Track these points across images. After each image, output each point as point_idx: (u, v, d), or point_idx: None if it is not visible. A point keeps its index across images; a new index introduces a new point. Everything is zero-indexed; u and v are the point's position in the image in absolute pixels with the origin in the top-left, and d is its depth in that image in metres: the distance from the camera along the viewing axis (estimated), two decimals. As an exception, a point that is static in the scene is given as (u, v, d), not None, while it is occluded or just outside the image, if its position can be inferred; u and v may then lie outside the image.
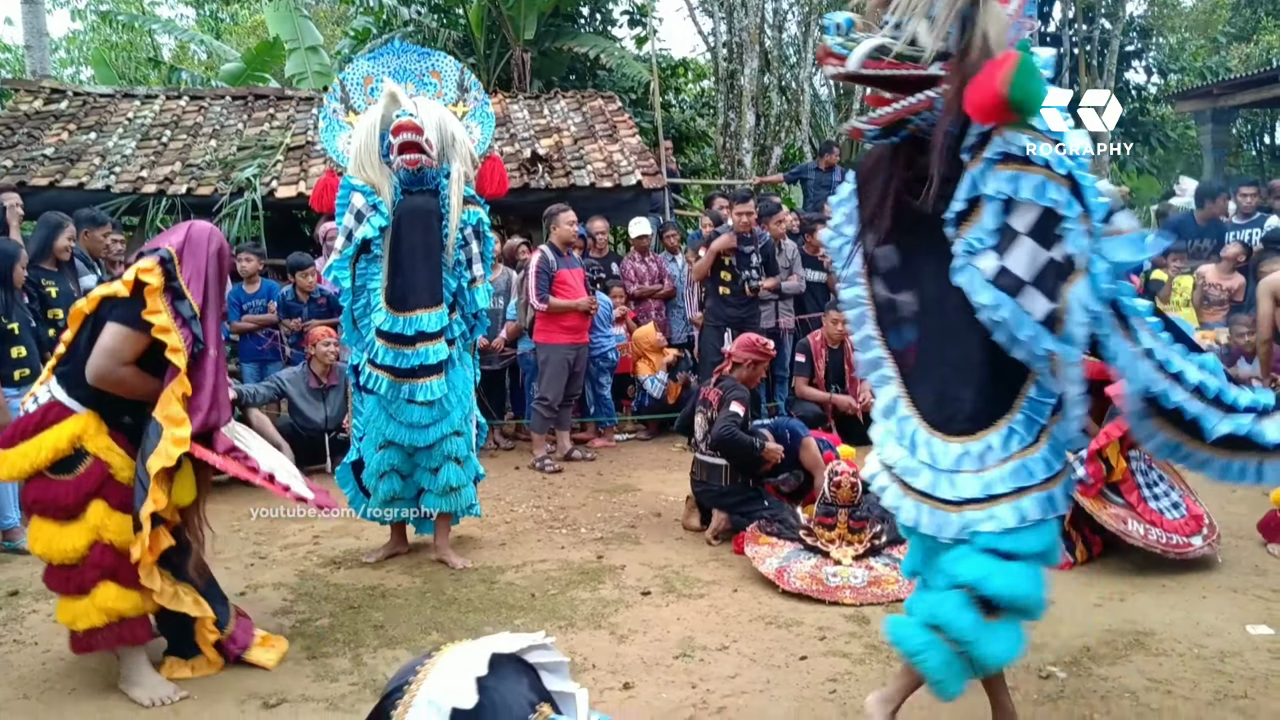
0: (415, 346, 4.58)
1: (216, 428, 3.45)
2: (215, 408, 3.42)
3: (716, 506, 5.28)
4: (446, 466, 4.77)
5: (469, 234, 4.75)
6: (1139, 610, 4.11)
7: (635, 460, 7.38)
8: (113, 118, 10.52)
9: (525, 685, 1.66)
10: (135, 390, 3.38)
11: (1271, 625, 3.93)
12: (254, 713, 3.29)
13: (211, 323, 3.45)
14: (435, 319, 4.63)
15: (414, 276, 4.61)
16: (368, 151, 4.57)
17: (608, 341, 7.90)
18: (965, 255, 2.46)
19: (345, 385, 6.95)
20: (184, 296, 3.37)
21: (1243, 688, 3.39)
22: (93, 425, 3.36)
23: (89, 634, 3.36)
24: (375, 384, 4.61)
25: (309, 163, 9.75)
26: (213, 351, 3.44)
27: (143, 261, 3.35)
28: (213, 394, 3.40)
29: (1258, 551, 4.90)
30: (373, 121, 4.58)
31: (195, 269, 3.42)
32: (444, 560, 4.83)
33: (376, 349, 4.59)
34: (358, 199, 4.53)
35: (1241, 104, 13.98)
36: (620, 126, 11.16)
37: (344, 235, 4.58)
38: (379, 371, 4.60)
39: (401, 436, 4.67)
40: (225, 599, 3.71)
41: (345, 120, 4.97)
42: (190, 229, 3.52)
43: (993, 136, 2.40)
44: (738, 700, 3.34)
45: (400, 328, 4.57)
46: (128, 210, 8.95)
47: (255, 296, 7.61)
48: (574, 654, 3.74)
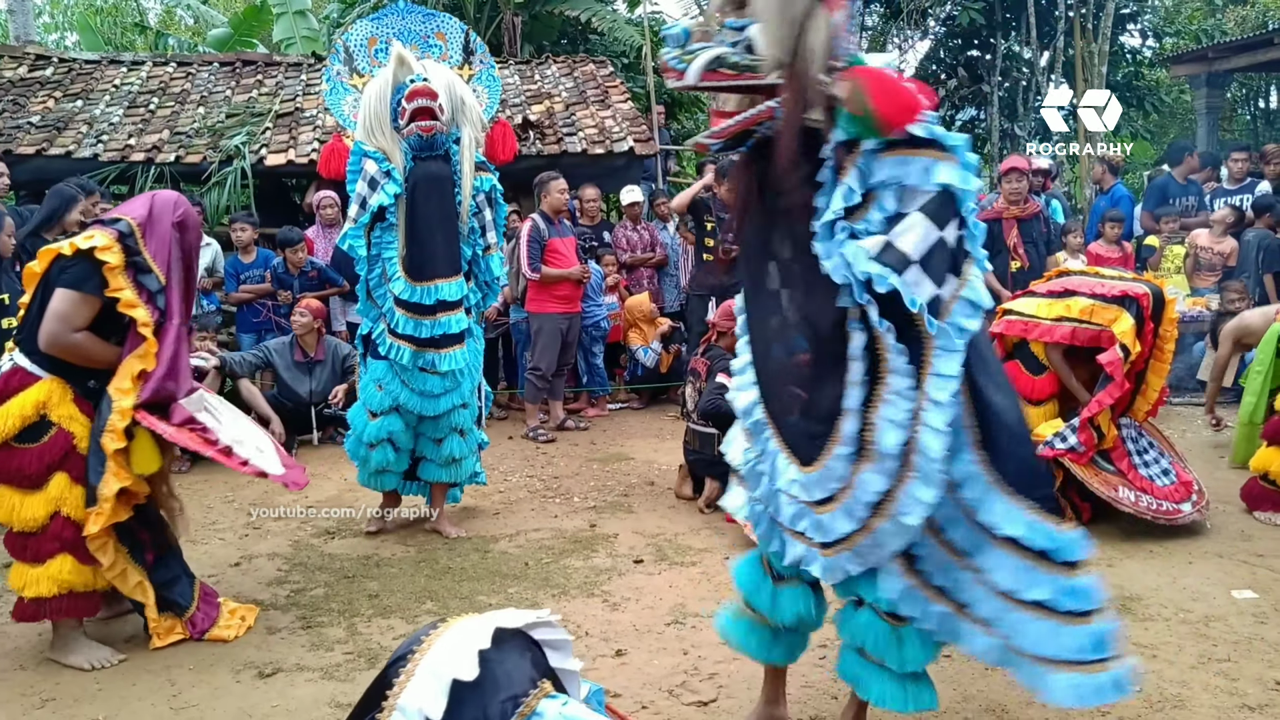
0: (436, 316, 4.55)
1: (173, 398, 3.38)
2: (171, 378, 3.36)
3: (709, 475, 5.30)
4: (450, 438, 4.77)
5: (481, 201, 4.70)
6: (1126, 576, 4.16)
7: (628, 429, 7.40)
8: (99, 84, 10.38)
9: (528, 661, 1.66)
10: (92, 358, 3.34)
11: (1255, 590, 3.99)
12: (249, 682, 3.32)
13: (175, 294, 3.41)
14: (455, 288, 4.60)
15: (432, 245, 4.55)
16: (378, 117, 4.48)
17: (600, 310, 7.89)
18: (843, 234, 2.27)
19: (332, 359, 6.95)
20: (149, 270, 3.33)
21: (1226, 651, 3.44)
22: (57, 392, 3.34)
23: (35, 603, 3.38)
24: (397, 354, 4.56)
25: (298, 130, 9.66)
26: (175, 322, 3.40)
27: (99, 238, 3.28)
28: (170, 364, 3.36)
29: (1243, 517, 4.95)
30: (382, 86, 4.49)
31: (159, 240, 3.37)
32: (439, 530, 4.84)
33: (397, 318, 4.54)
34: (370, 165, 4.45)
35: (1236, 68, 13.91)
36: (612, 92, 11.05)
37: (357, 203, 4.50)
38: (400, 341, 4.56)
39: (414, 404, 4.64)
40: (191, 576, 3.69)
41: (350, 83, 4.89)
42: (154, 199, 3.48)
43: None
44: (729, 666, 3.38)
45: (419, 297, 4.52)
46: (116, 179, 8.85)
47: (252, 266, 7.57)
48: (567, 622, 3.77)
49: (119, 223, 3.35)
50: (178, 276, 3.44)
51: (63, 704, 3.19)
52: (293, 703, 3.17)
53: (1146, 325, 4.76)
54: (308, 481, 3.82)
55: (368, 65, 4.87)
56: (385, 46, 4.80)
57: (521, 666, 1.63)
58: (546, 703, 1.58)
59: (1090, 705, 2.44)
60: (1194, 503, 4.73)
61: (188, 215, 3.52)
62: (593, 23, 14.02)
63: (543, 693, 1.59)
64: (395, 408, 4.66)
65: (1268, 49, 12.19)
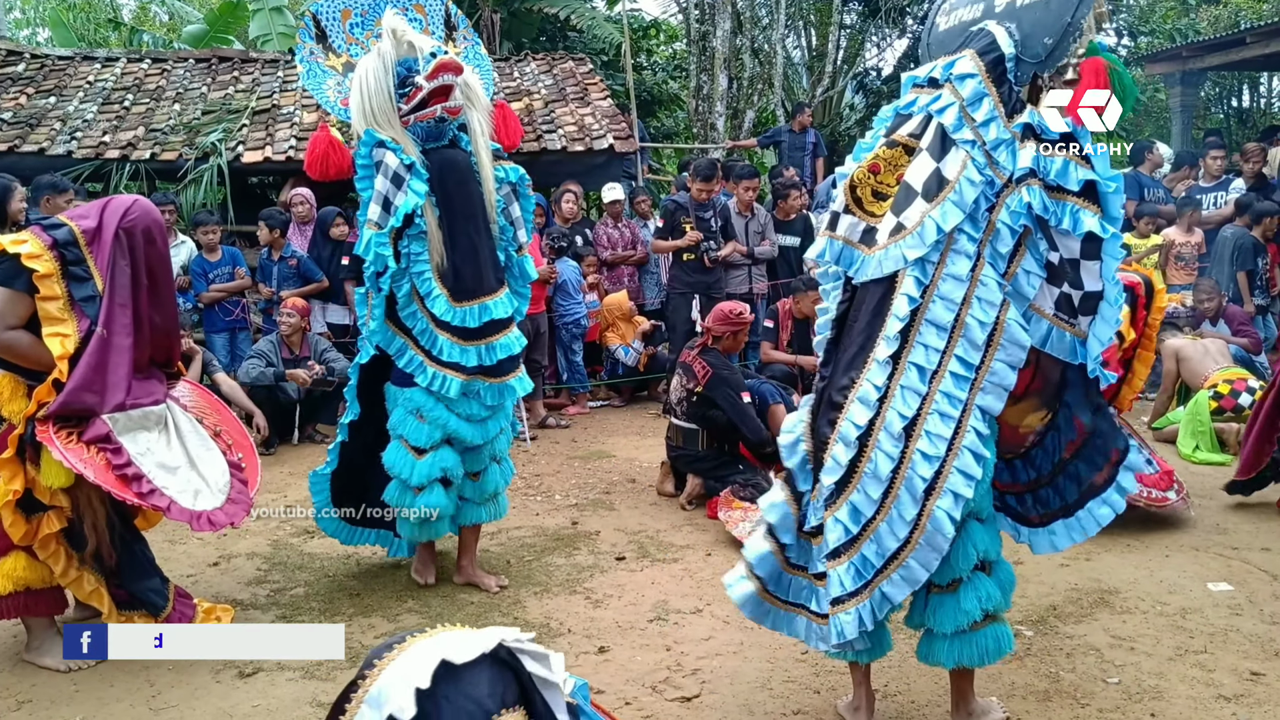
0: (488, 339, 3.86)
1: (92, 412, 3.19)
2: (90, 390, 3.17)
3: (691, 471, 5.30)
4: (490, 469, 4.12)
5: (508, 194, 4.04)
6: (1105, 569, 4.19)
7: (609, 427, 7.39)
8: (73, 81, 10.27)
9: (484, 691, 1.50)
10: (26, 356, 3.23)
11: (1231, 582, 4.03)
12: (229, 682, 3.29)
13: (112, 304, 3.25)
14: (504, 303, 3.93)
15: (477, 254, 3.86)
16: (380, 101, 3.74)
17: (579, 309, 7.88)
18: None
19: (317, 357, 6.91)
20: (89, 277, 3.23)
21: (1202, 643, 3.48)
22: (8, 388, 3.27)
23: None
24: (443, 386, 3.79)
25: (275, 127, 9.59)
26: (101, 331, 3.21)
27: (29, 244, 3.18)
28: (88, 375, 3.18)
29: (1219, 511, 5.00)
30: (382, 63, 3.76)
31: (103, 247, 3.27)
32: (476, 583, 4.13)
33: (440, 344, 3.79)
34: (390, 158, 3.68)
35: (1210, 66, 14.02)
36: (591, 89, 11.05)
37: (378, 204, 3.70)
38: (445, 370, 3.80)
39: (466, 432, 3.92)
40: (164, 580, 3.61)
41: (326, 64, 4.11)
42: (106, 206, 3.36)
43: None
44: (711, 662, 3.39)
45: (465, 319, 3.80)
46: (90, 176, 8.76)
47: (219, 264, 7.50)
48: (550, 619, 3.77)
49: (60, 228, 3.25)
50: (122, 284, 3.28)
51: (39, 706, 3.16)
52: (273, 702, 3.15)
53: (1139, 313, 4.80)
54: (225, 524, 3.41)
55: (343, 42, 4.13)
56: (361, 20, 4.18)
57: (475, 697, 1.48)
58: None
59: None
60: (1177, 491, 4.79)
61: (139, 221, 3.34)
62: (571, 20, 14.02)
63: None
64: (447, 439, 3.91)
65: (1240, 48, 12.31)
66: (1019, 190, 2.53)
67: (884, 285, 2.65)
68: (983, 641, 2.71)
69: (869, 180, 2.72)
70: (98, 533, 3.36)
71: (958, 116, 2.58)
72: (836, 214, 2.81)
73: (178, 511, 3.24)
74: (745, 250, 7.94)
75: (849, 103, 17.82)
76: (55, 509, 3.27)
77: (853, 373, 2.66)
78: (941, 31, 2.91)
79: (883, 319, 2.63)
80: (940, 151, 2.60)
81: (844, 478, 2.62)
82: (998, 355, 2.55)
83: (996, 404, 2.59)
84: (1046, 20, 2.56)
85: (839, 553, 2.63)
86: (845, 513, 2.61)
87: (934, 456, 2.53)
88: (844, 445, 2.62)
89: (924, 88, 2.74)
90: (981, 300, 2.55)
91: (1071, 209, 2.50)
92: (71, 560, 3.36)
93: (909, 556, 2.56)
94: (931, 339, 2.56)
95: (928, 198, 2.58)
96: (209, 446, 3.55)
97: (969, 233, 2.56)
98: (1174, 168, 9.81)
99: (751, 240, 8.07)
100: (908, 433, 2.55)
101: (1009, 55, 2.59)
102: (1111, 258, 2.54)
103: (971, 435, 2.55)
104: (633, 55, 12.35)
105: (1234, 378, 6.22)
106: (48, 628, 3.47)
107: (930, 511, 2.53)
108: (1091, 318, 2.59)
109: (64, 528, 3.31)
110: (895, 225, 2.62)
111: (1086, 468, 2.84)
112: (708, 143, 13.81)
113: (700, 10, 15.33)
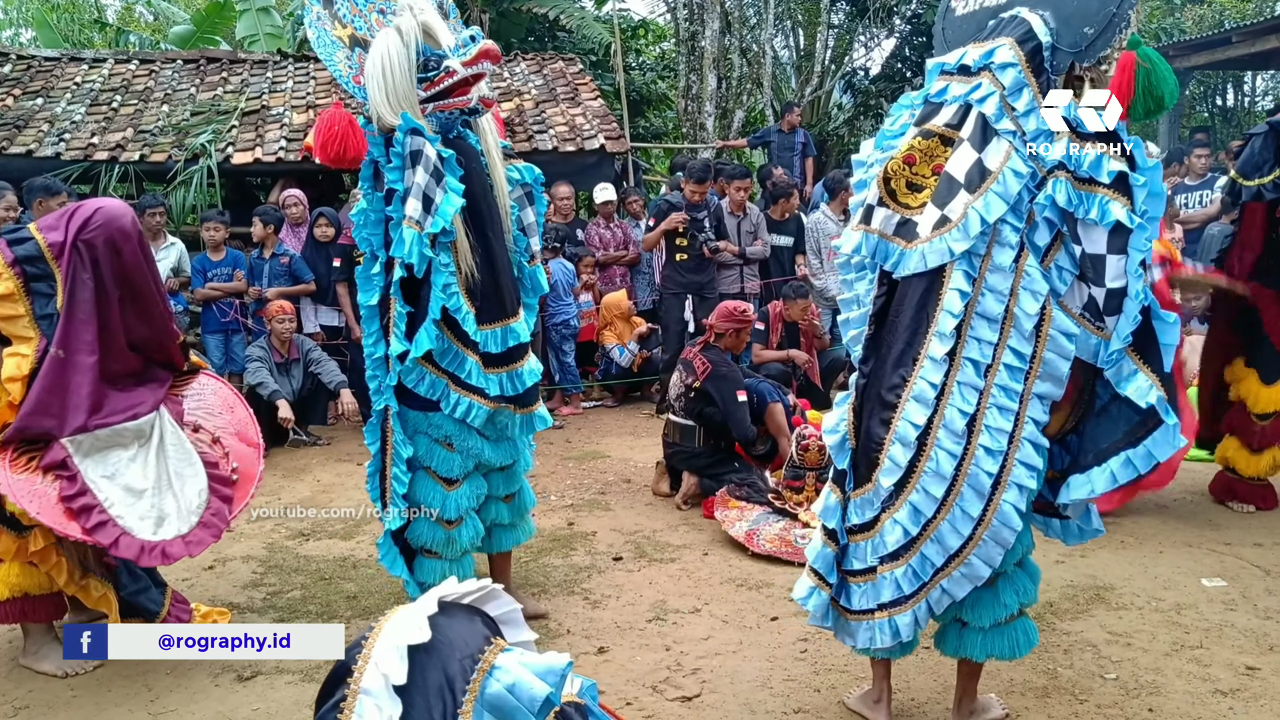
0: (512, 366, 3.56)
1: (50, 436, 3.11)
2: (46, 414, 3.09)
3: (687, 468, 5.31)
4: (524, 487, 3.87)
5: (520, 197, 3.71)
6: (1100, 566, 4.22)
7: (603, 428, 7.39)
8: (60, 82, 10.20)
9: (479, 623, 1.71)
10: None
11: (1225, 577, 4.06)
12: (228, 685, 3.28)
13: (71, 321, 3.15)
14: (526, 324, 3.65)
15: (500, 270, 3.52)
16: (404, 85, 3.31)
17: (569, 310, 7.87)
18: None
19: (302, 357, 6.89)
20: (54, 294, 3.16)
21: (1198, 638, 3.50)
22: None
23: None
24: (472, 415, 3.46)
25: (265, 128, 9.54)
26: (57, 351, 3.12)
27: None
28: (44, 396, 3.09)
29: (1212, 507, 5.04)
30: (405, 44, 3.32)
31: (67, 261, 3.17)
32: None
33: (469, 367, 3.43)
34: (430, 150, 3.24)
35: (1195, 65, 14.13)
36: (582, 89, 11.04)
37: (418, 199, 3.22)
38: (473, 396, 3.45)
39: (497, 456, 3.63)
40: (162, 584, 3.58)
41: (334, 33, 3.59)
42: (71, 216, 3.24)
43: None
44: (711, 661, 3.40)
45: (492, 343, 3.49)
46: (79, 178, 8.70)
47: (220, 264, 7.45)
48: (548, 620, 3.77)
49: (26, 242, 3.16)
50: (82, 299, 3.17)
51: (36, 712, 3.14)
52: (273, 705, 3.14)
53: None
54: (185, 556, 3.26)
55: (348, 12, 3.61)
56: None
57: (473, 629, 1.68)
58: (503, 656, 1.63)
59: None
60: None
61: (100, 232, 3.20)
62: (561, 20, 14.01)
63: (498, 648, 1.65)
64: (478, 466, 3.61)
65: (1225, 48, 12.42)
66: (1046, 184, 2.52)
67: (927, 279, 2.62)
68: (1014, 634, 2.76)
69: (904, 172, 2.68)
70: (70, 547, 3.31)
71: (998, 106, 2.55)
72: (871, 207, 2.75)
73: (125, 545, 3.09)
74: (738, 250, 7.95)
75: (837, 102, 17.87)
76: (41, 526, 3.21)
77: (902, 370, 2.64)
78: (959, 16, 2.87)
79: (928, 314, 2.61)
80: (982, 142, 2.58)
81: (902, 478, 2.61)
82: (1048, 346, 2.55)
83: (1056, 390, 2.58)
84: (1088, 9, 2.54)
85: (898, 555, 2.64)
86: (905, 514, 2.61)
87: (997, 451, 2.54)
88: (902, 445, 2.60)
89: (954, 75, 2.68)
90: (1027, 290, 2.54)
91: (1101, 200, 2.48)
92: (74, 569, 3.33)
93: (972, 553, 2.58)
94: (984, 332, 2.56)
95: (970, 189, 2.55)
96: (192, 462, 3.41)
97: (1012, 223, 2.55)
98: (1163, 166, 9.88)
99: (744, 240, 8.08)
100: (969, 429, 2.55)
101: (1046, 44, 2.57)
102: (1138, 251, 2.50)
103: (1030, 426, 2.56)
104: (622, 55, 12.35)
105: None
106: (45, 633, 3.45)
107: (996, 505, 2.55)
108: (1117, 317, 2.55)
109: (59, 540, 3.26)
110: (940, 218, 2.58)
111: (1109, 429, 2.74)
112: (697, 142, 13.82)
113: (689, 10, 15.35)
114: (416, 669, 1.60)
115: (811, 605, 2.87)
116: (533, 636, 1.84)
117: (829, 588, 2.83)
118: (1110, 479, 2.62)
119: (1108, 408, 2.68)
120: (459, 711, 1.58)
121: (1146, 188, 2.49)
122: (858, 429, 2.78)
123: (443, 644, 1.63)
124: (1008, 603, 2.73)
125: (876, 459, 2.67)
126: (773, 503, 4.77)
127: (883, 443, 2.65)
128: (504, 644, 1.70)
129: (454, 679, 1.61)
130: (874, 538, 2.70)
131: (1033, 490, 2.61)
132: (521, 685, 1.61)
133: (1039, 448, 2.59)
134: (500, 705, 1.60)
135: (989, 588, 2.72)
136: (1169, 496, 5.20)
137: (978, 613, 2.74)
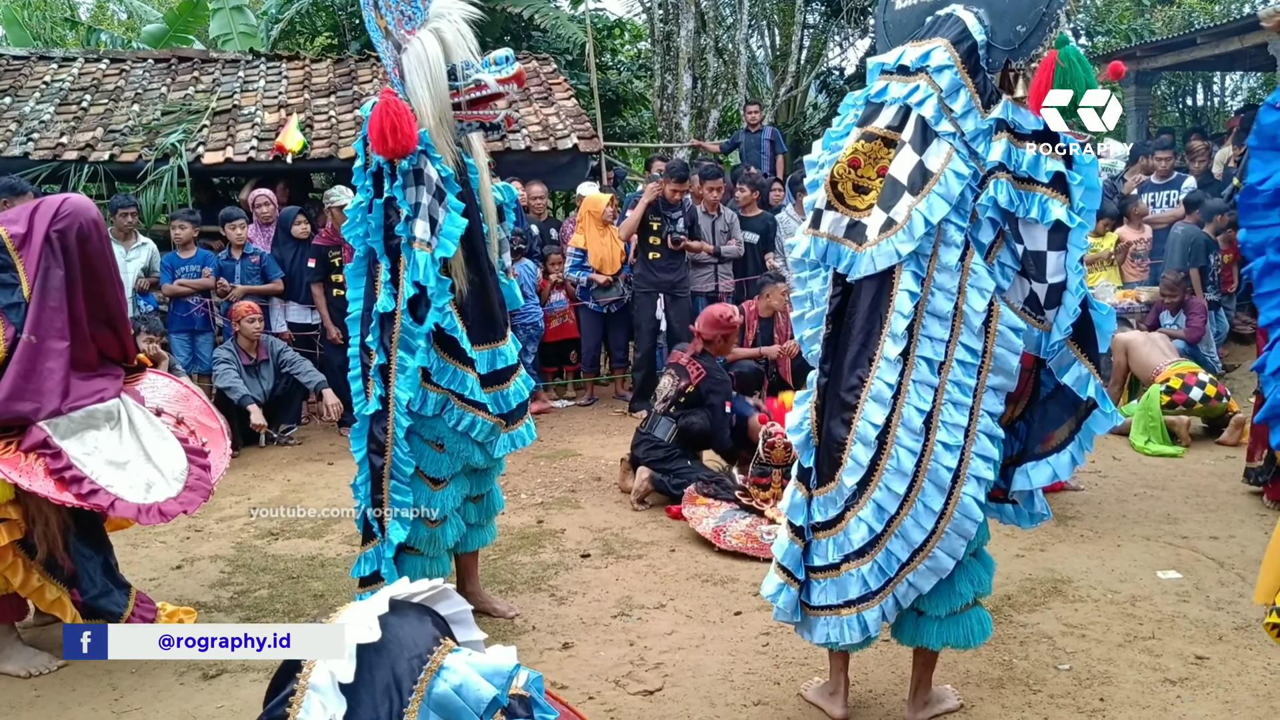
0: (502, 386, 3.63)
1: (26, 421, 3.17)
2: (21, 399, 3.15)
3: (646, 460, 5.31)
4: (495, 488, 3.96)
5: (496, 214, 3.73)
6: (1058, 559, 4.29)
7: (575, 426, 7.42)
8: (29, 80, 10.11)
9: (429, 623, 1.75)
10: None
11: (1179, 570, 4.14)
12: (193, 683, 3.29)
13: (42, 309, 3.20)
14: (514, 344, 3.72)
15: (494, 289, 3.58)
16: (443, 91, 3.35)
17: (535, 311, 7.85)
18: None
19: (272, 358, 6.89)
20: (16, 284, 3.21)
21: (1151, 629, 3.58)
22: None
23: None
24: (477, 429, 3.53)
25: (236, 127, 9.50)
26: (30, 338, 3.18)
27: None
28: (19, 382, 3.14)
29: (1170, 502, 5.13)
30: (440, 54, 3.36)
31: (32, 252, 3.23)
32: (490, 610, 3.82)
33: (468, 383, 3.48)
34: (431, 169, 3.32)
35: (1163, 66, 14.30)
36: (556, 89, 11.05)
37: (424, 219, 3.30)
38: (475, 411, 3.51)
39: (479, 457, 3.65)
40: (125, 585, 3.59)
41: (377, 21, 3.45)
42: (37, 209, 3.31)
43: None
44: (674, 656, 3.44)
45: (486, 364, 3.55)
46: (48, 178, 8.64)
47: (189, 262, 7.42)
48: (515, 617, 3.80)
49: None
50: (54, 287, 3.22)
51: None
52: (237, 703, 3.16)
53: None
54: (181, 513, 3.37)
55: (383, 5, 3.42)
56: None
57: (423, 629, 1.73)
58: (452, 657, 1.68)
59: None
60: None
61: (71, 222, 3.27)
62: (535, 19, 14.00)
63: (446, 649, 1.69)
64: (463, 468, 3.69)
65: (1192, 48, 12.55)
66: (988, 184, 2.58)
67: (878, 281, 2.68)
68: (969, 623, 2.82)
69: (850, 175, 2.73)
70: (49, 540, 3.33)
71: (936, 108, 2.60)
72: (819, 211, 2.79)
73: (123, 508, 3.22)
74: (712, 249, 7.99)
75: (812, 102, 17.95)
76: (6, 522, 3.23)
77: (859, 371, 2.70)
78: (899, 10, 2.91)
79: (880, 315, 2.67)
80: (923, 144, 2.62)
81: (865, 477, 2.67)
82: (997, 341, 2.62)
83: (1009, 383, 2.66)
84: (1020, 7, 2.59)
85: (863, 552, 2.69)
86: (869, 511, 2.67)
87: (954, 445, 2.61)
88: (863, 445, 2.66)
89: (894, 74, 2.73)
90: (974, 288, 2.61)
91: (1040, 199, 2.55)
92: (31, 571, 3.33)
93: (935, 546, 2.65)
94: (936, 330, 2.62)
95: (913, 191, 2.60)
96: (165, 437, 3.53)
97: (956, 223, 2.61)
98: (1130, 162, 9.99)
99: (718, 239, 8.13)
100: (927, 425, 2.61)
101: (981, 43, 2.62)
102: (1077, 248, 2.58)
103: (985, 419, 2.64)
104: (597, 55, 12.37)
105: (1185, 371, 6.37)
106: (7, 633, 3.44)
107: (957, 499, 2.61)
108: (1057, 309, 2.64)
109: (19, 539, 3.27)
110: (885, 221, 2.63)
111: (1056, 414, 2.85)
112: (673, 142, 13.86)
113: (664, 10, 15.38)
114: (365, 667, 1.63)
115: (781, 602, 2.91)
116: (482, 636, 1.88)
117: (797, 584, 2.86)
118: (1070, 462, 2.76)
119: (1053, 394, 2.78)
120: (405, 711, 1.62)
121: (1083, 185, 2.56)
122: (820, 427, 2.84)
123: (392, 643, 1.66)
124: (963, 592, 2.79)
125: (839, 458, 2.72)
126: (740, 499, 4.82)
127: (844, 443, 2.70)
128: (452, 644, 1.73)
129: (401, 678, 1.64)
130: (838, 535, 2.75)
131: (989, 481, 2.67)
132: (468, 686, 1.64)
133: (994, 439, 2.66)
134: (447, 705, 1.63)
135: (945, 578, 2.78)
136: (1129, 491, 5.30)
137: (934, 602, 2.80)
